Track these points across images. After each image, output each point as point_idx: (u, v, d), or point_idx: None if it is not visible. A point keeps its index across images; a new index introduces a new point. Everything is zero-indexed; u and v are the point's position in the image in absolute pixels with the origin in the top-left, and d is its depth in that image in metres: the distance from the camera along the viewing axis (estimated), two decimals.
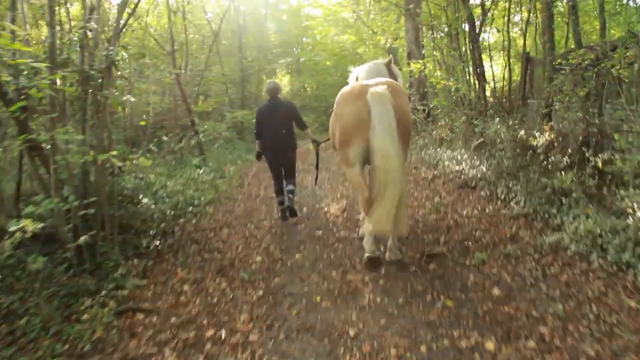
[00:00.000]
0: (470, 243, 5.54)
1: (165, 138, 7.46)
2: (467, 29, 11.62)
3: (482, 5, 10.32)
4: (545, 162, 6.39)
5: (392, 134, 4.43)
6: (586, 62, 5.85)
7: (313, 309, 4.39)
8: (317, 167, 7.63)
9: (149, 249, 6.02)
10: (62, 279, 4.67)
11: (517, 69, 12.60)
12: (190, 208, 7.76)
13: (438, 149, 10.86)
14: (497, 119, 8.69)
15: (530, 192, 6.27)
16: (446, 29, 12.49)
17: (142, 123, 7.63)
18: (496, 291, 4.27)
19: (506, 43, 12.08)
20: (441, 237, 5.83)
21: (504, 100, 11.68)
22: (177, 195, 7.65)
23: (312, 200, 8.54)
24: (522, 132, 7.51)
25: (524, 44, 11.37)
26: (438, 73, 11.46)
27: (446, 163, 9.60)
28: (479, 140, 8.83)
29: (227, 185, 10.28)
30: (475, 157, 8.77)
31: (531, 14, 11.43)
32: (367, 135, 4.54)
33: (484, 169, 8.15)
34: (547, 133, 6.47)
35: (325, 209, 7.91)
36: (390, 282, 4.76)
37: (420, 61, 11.57)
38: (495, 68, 16.68)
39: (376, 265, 4.88)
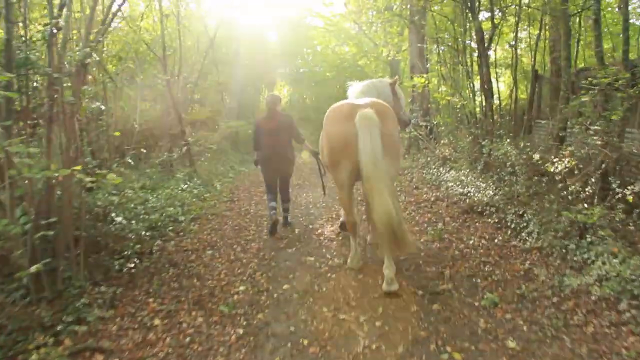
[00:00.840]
0: (478, 280, 4.95)
1: (143, 150, 6.85)
2: (473, 43, 11.16)
3: (492, 18, 9.78)
4: (563, 190, 5.81)
5: (378, 158, 4.53)
6: (620, 81, 5.24)
7: (299, 354, 3.79)
8: (321, 176, 7.38)
9: (122, 272, 5.43)
10: (13, 310, 4.06)
11: (521, 87, 12.12)
12: (172, 227, 7.16)
13: (441, 169, 10.31)
14: (507, 139, 8.13)
15: (545, 223, 5.70)
16: (451, 43, 11.97)
17: (116, 134, 6.98)
18: (511, 343, 3.67)
19: (512, 59, 11.62)
20: (446, 271, 5.24)
21: (508, 119, 11.15)
22: (158, 212, 7.05)
23: (305, 220, 7.96)
24: (535, 156, 6.94)
25: (534, 60, 10.86)
26: (443, 88, 10.92)
27: (450, 184, 9.04)
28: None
29: (216, 199, 9.69)
30: (481, 180, 8.20)
31: (542, 30, 10.94)
32: (355, 157, 4.66)
33: (491, 192, 7.59)
34: (567, 159, 5.89)
35: (319, 230, 7.32)
36: (389, 324, 4.15)
37: (424, 75, 11.04)
38: (499, 85, 16.22)
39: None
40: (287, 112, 9.16)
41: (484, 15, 11.68)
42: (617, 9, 13.70)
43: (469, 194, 8.03)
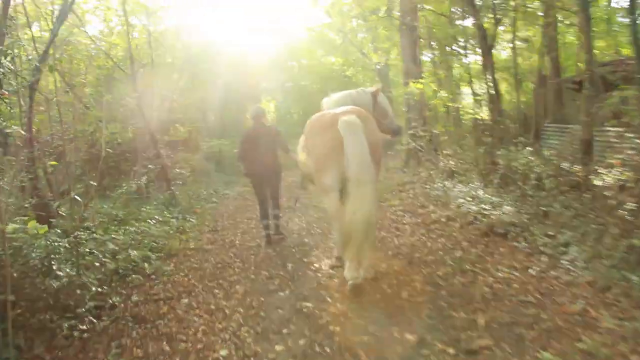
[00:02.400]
0: (522, 329, 3.88)
1: (93, 183, 5.78)
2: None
3: (494, 10, 8.81)
4: (618, 208, 4.77)
5: (367, 162, 4.62)
6: None
7: None
8: (302, 187, 7.61)
9: (72, 337, 4.32)
10: None
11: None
12: (142, 269, 6.05)
13: (446, 183, 9.29)
14: (524, 147, 7.13)
15: (592, 247, 4.66)
16: (448, 44, 11.01)
17: (52, 163, 5.85)
18: None
19: (512, 60, 10.69)
20: (478, 317, 4.17)
21: (517, 124, 10.18)
22: (123, 254, 5.96)
23: (299, 252, 6.86)
24: (563, 165, 5.93)
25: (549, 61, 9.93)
26: (443, 93, 9.92)
27: (460, 201, 8.01)
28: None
29: (197, 229, 8.58)
30: (498, 195, 7.18)
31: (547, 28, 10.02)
32: (341, 164, 4.70)
33: (511, 209, 6.57)
34: (615, 169, 4.86)
35: (315, 264, 6.23)
36: None
37: (422, 81, 10.04)
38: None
39: (360, 292, 4.91)
40: (272, 125, 8.86)
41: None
42: None
43: (485, 212, 7.00)
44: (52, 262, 4.32)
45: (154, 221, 8.00)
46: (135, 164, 10.68)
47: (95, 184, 5.89)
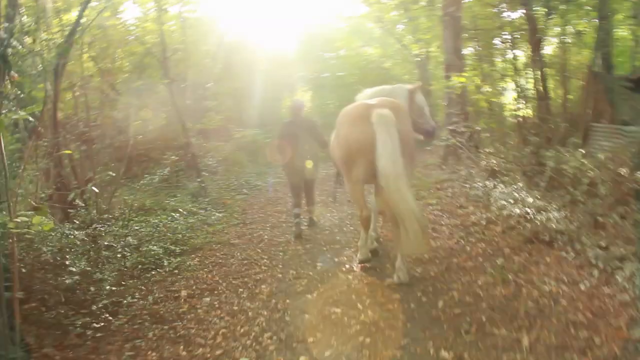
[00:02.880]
0: (574, 355, 3.48)
1: (111, 173, 5.57)
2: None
3: (546, 1, 8.27)
4: None
5: (397, 157, 4.57)
6: None
7: None
8: (338, 182, 7.12)
9: (86, 335, 4.11)
10: None
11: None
12: (164, 262, 5.83)
13: (487, 182, 8.81)
14: (578, 149, 6.63)
15: None
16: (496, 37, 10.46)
17: (67, 152, 5.57)
18: None
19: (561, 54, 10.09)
20: (522, 336, 3.78)
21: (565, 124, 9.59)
22: (146, 245, 5.75)
23: (330, 250, 6.55)
24: (621, 170, 5.45)
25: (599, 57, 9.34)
26: (487, 88, 9.41)
27: (501, 202, 7.55)
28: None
29: (225, 221, 8.35)
30: (544, 199, 6.71)
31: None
32: (372, 157, 4.66)
33: (556, 214, 6.11)
34: None
35: (347, 265, 5.91)
36: None
37: (465, 74, 9.55)
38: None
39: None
40: (310, 117, 8.93)
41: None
42: None
43: (529, 217, 6.55)
44: (66, 257, 4.09)
45: (180, 213, 7.79)
46: (165, 152, 10.52)
47: (113, 174, 5.66)
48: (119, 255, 5.10)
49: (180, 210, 7.54)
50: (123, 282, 5.00)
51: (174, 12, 11.63)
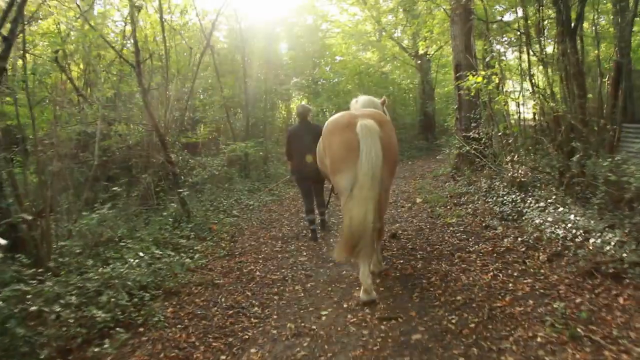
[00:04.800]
0: None
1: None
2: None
3: None
4: None
5: (377, 168, 4.63)
6: None
7: None
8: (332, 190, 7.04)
9: None
10: None
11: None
12: (124, 315, 4.55)
13: (514, 196, 7.57)
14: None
15: None
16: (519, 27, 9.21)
17: None
18: None
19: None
20: None
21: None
22: (108, 292, 4.49)
23: (336, 292, 5.28)
24: None
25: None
26: (510, 87, 8.17)
27: (537, 221, 6.32)
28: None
29: (209, 252, 7.08)
30: (596, 219, 5.48)
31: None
32: (356, 165, 4.71)
33: (617, 238, 4.89)
34: None
35: (359, 314, 4.65)
36: None
37: (483, 72, 8.30)
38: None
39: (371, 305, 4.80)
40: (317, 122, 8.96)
41: None
42: None
43: (577, 239, 5.33)
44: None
45: (156, 245, 6.53)
46: (146, 170, 9.28)
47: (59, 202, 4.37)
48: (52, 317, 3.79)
49: (153, 248, 6.21)
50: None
51: (154, 18, 10.50)
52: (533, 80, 8.16)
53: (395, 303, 4.74)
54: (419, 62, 20.35)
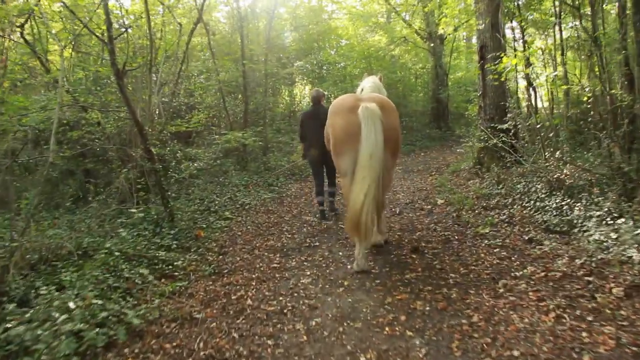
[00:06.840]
0: None
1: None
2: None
3: None
4: None
5: (378, 150, 4.84)
6: None
7: None
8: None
9: None
10: None
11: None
12: None
13: (557, 200, 6.33)
14: None
15: None
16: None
17: None
18: None
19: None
20: None
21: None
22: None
23: (348, 337, 4.05)
24: None
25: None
26: (548, 71, 6.89)
27: (595, 236, 5.08)
28: None
29: (192, 268, 5.86)
30: None
31: None
32: (357, 147, 4.93)
33: None
34: None
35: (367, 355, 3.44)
36: None
37: (519, 53, 7.01)
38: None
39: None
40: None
41: None
42: None
43: None
44: None
45: (126, 263, 5.31)
46: (124, 164, 8.07)
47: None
48: None
49: (130, 253, 4.97)
50: None
51: None
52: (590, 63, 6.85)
53: (430, 357, 3.52)
54: (432, 45, 18.99)
